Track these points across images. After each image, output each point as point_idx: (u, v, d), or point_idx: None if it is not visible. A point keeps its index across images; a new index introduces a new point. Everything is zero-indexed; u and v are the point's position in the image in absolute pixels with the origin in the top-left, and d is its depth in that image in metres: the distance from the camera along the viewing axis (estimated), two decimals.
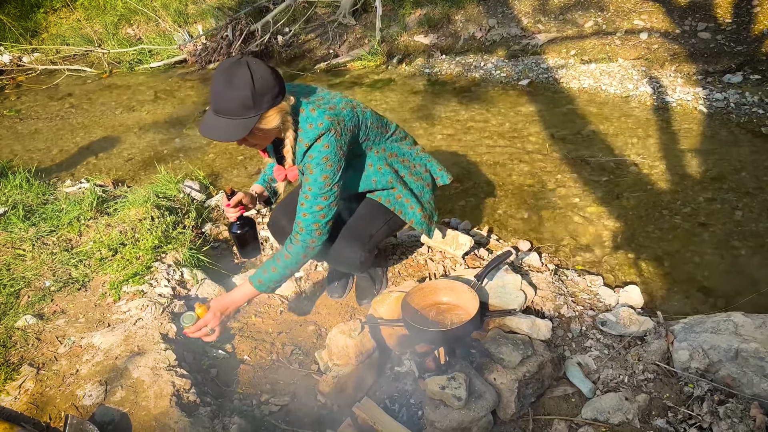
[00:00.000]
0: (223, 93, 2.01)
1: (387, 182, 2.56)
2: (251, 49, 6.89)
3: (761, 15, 5.67)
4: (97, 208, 3.68)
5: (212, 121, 2.06)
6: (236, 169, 4.62)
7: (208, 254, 3.30)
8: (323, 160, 2.21)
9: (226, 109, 2.03)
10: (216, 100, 2.04)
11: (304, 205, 2.28)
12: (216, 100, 2.04)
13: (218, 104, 2.03)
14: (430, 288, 2.59)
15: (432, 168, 2.75)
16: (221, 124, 2.05)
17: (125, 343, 2.55)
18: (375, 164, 2.53)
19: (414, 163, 2.67)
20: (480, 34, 6.63)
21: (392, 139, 2.59)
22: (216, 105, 2.04)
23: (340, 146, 2.24)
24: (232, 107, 2.02)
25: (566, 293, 2.85)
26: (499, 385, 2.27)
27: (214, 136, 2.07)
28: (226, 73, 2.00)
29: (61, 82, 7.10)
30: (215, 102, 2.04)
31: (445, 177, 2.76)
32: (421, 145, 2.76)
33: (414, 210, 2.63)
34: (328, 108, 2.24)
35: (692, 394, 2.27)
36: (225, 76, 2.00)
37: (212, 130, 2.06)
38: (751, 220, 3.52)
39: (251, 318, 2.95)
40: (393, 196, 2.60)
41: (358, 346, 2.43)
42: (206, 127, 2.08)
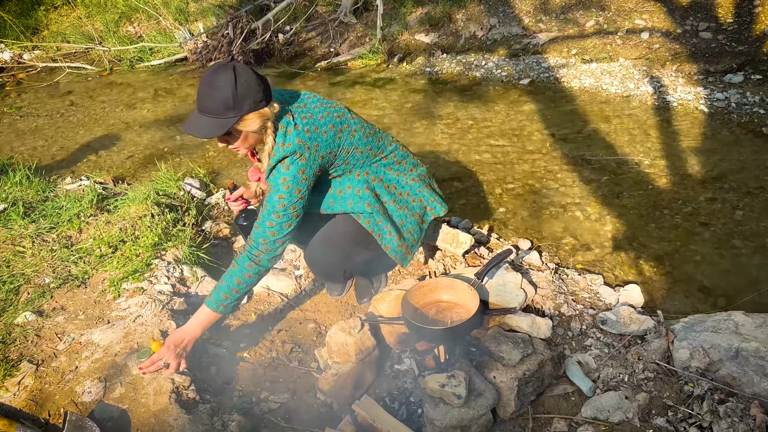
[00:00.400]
0: (206, 92, 2.11)
1: (364, 206, 2.48)
2: (252, 47, 6.88)
3: (763, 15, 5.67)
4: (97, 206, 3.68)
5: (194, 119, 2.16)
6: (236, 167, 4.62)
7: (208, 252, 3.30)
8: (281, 181, 2.22)
9: (208, 108, 2.11)
10: (200, 99, 2.13)
11: (258, 219, 2.31)
12: (200, 99, 2.13)
13: (201, 103, 2.13)
14: (431, 286, 2.59)
15: (425, 198, 2.66)
16: (202, 122, 2.13)
17: (125, 340, 2.55)
18: (354, 187, 2.47)
19: (401, 191, 2.59)
20: (481, 33, 6.63)
21: (382, 163, 2.52)
22: (200, 104, 2.13)
23: (303, 170, 2.22)
24: (213, 106, 2.10)
25: (566, 292, 2.85)
26: (499, 383, 2.27)
27: (193, 132, 2.15)
28: (212, 75, 2.11)
29: (61, 79, 7.10)
30: (199, 101, 2.14)
31: (438, 209, 2.68)
32: (422, 170, 2.68)
33: (392, 237, 2.56)
34: (305, 130, 2.23)
35: (692, 393, 2.26)
36: (211, 78, 2.11)
37: (192, 127, 2.15)
38: (752, 220, 3.52)
39: (251, 316, 2.95)
40: (373, 218, 2.52)
41: (357, 344, 2.42)
42: (188, 123, 2.18)
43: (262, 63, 6.99)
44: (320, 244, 2.63)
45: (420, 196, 2.65)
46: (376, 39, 6.83)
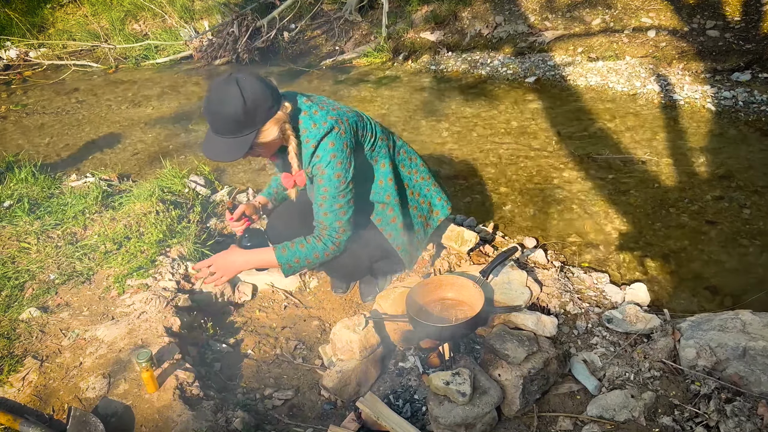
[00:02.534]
0: (217, 113, 2.04)
1: (384, 197, 2.50)
2: (257, 46, 6.87)
3: None
4: (102, 202, 3.69)
5: (212, 142, 2.10)
6: (241, 165, 4.62)
7: (213, 248, 3.29)
8: (331, 157, 2.20)
9: (223, 129, 2.05)
10: (211, 121, 2.07)
11: (323, 206, 2.27)
12: (211, 122, 2.07)
13: (214, 126, 2.07)
14: (435, 283, 2.58)
15: (432, 197, 2.68)
16: (221, 145, 2.08)
17: (129, 336, 2.55)
18: (378, 177, 2.48)
19: (412, 190, 2.61)
20: (487, 31, 6.61)
21: (396, 158, 2.56)
22: (213, 126, 2.08)
23: (346, 143, 2.22)
24: (227, 127, 2.04)
25: (572, 290, 2.84)
26: (504, 381, 2.26)
27: (215, 158, 2.10)
28: (217, 93, 2.03)
29: (67, 77, 7.10)
30: (211, 123, 2.08)
31: (444, 209, 2.71)
32: (424, 169, 2.68)
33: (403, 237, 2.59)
34: (331, 109, 2.26)
35: (699, 392, 2.25)
36: (216, 96, 2.03)
37: (213, 151, 2.10)
38: (759, 219, 3.49)
39: (255, 313, 2.95)
40: (385, 214, 2.53)
41: (362, 341, 2.42)
42: (208, 148, 2.11)
43: (267, 61, 6.98)
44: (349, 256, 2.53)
45: (428, 197, 2.67)
46: (381, 37, 6.81)
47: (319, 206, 2.28)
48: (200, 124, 5.44)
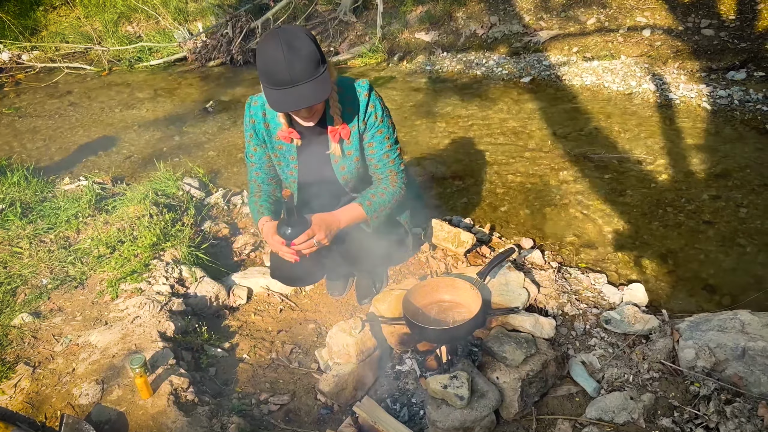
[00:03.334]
0: (292, 61, 1.94)
1: None
2: (251, 47, 6.84)
3: (765, 11, 5.63)
4: (95, 206, 3.65)
5: (291, 94, 1.99)
6: (236, 167, 4.59)
7: (207, 251, 3.26)
8: (383, 107, 2.34)
9: (303, 73, 1.97)
10: (289, 71, 1.95)
11: (390, 155, 2.39)
12: (290, 72, 1.95)
13: (292, 74, 1.95)
14: (432, 285, 2.56)
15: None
16: (305, 91, 1.99)
17: (122, 341, 2.52)
18: None
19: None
20: (481, 32, 6.59)
21: None
22: (290, 76, 1.95)
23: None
24: (307, 69, 1.97)
25: (570, 291, 2.82)
26: (502, 384, 2.24)
27: (308, 103, 2.01)
28: (281, 45, 1.94)
29: (60, 80, 7.06)
30: (289, 73, 1.95)
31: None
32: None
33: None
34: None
35: (698, 394, 2.23)
36: (283, 47, 1.94)
37: (300, 99, 2.00)
38: (756, 218, 3.48)
39: (250, 316, 2.92)
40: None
41: (358, 345, 2.39)
42: (290, 101, 2.01)
43: None
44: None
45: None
46: (376, 37, 6.79)
47: (385, 156, 2.38)
48: (194, 126, 5.41)
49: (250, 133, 2.43)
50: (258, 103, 2.38)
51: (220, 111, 5.73)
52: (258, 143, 2.45)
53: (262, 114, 2.37)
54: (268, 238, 2.27)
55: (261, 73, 2.02)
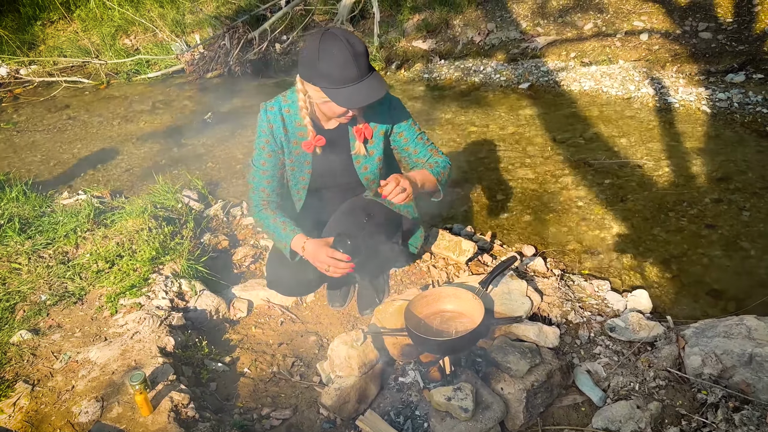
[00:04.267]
0: (357, 56, 2.03)
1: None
2: (249, 58, 6.84)
3: (762, 14, 5.62)
4: (94, 220, 3.63)
5: (362, 89, 2.06)
6: (234, 178, 4.57)
7: (207, 264, 3.24)
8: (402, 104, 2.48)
9: (366, 67, 2.08)
10: (357, 66, 2.04)
11: (427, 142, 2.56)
12: (358, 66, 2.04)
13: (361, 69, 2.05)
14: (434, 295, 2.53)
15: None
16: (373, 83, 2.08)
17: (122, 357, 2.49)
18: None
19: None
20: (479, 39, 6.59)
21: None
22: (359, 71, 2.05)
23: None
24: (368, 64, 2.08)
25: (573, 299, 2.79)
26: (507, 395, 2.21)
27: (379, 95, 2.08)
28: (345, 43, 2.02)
29: (58, 94, 7.06)
30: (358, 68, 2.05)
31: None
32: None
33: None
34: None
35: (706, 401, 2.20)
36: (346, 46, 2.02)
37: (371, 92, 2.07)
38: (759, 221, 3.46)
39: (251, 329, 2.89)
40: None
41: (360, 357, 2.36)
42: (362, 95, 2.08)
43: (260, 73, 6.95)
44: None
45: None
46: (373, 46, 6.79)
47: (419, 139, 2.53)
48: (192, 138, 5.40)
49: (267, 140, 2.40)
50: (275, 108, 2.38)
51: (218, 122, 5.72)
52: (274, 149, 2.42)
53: (280, 119, 2.37)
54: (321, 256, 2.30)
55: (323, 74, 2.07)
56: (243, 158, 4.89)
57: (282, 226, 2.43)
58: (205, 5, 8.31)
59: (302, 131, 2.38)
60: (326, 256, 2.29)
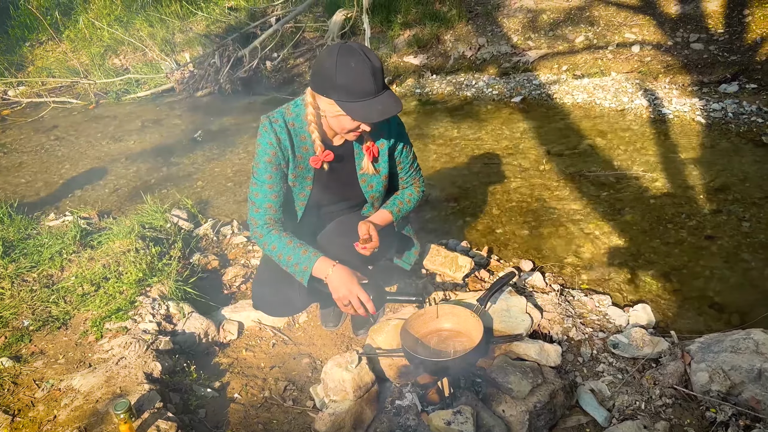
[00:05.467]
0: (375, 71, 2.01)
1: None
2: (239, 75, 6.79)
3: (753, 24, 5.62)
4: (80, 242, 3.53)
5: (377, 104, 2.03)
6: (224, 196, 4.49)
7: (196, 285, 3.15)
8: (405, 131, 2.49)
9: (382, 83, 2.05)
10: (375, 81, 2.01)
11: (414, 165, 2.56)
12: (375, 81, 2.01)
13: (378, 83, 2.02)
14: (431, 314, 2.44)
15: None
16: (389, 100, 2.05)
17: (107, 384, 2.39)
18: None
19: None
20: (470, 53, 6.57)
21: None
22: (375, 85, 2.01)
23: None
24: (383, 80, 2.05)
25: (574, 315, 2.71)
26: (509, 417, 2.12)
27: (395, 110, 2.05)
28: (364, 57, 1.99)
29: (46, 114, 6.98)
30: (375, 83, 2.01)
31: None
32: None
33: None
34: None
35: (715, 420, 2.12)
36: (365, 59, 1.99)
37: (387, 107, 2.04)
38: (760, 231, 3.40)
39: (242, 352, 2.79)
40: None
41: (355, 380, 2.27)
42: (377, 110, 2.03)
43: (251, 90, 6.90)
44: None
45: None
46: None
47: (411, 167, 2.54)
48: (182, 157, 5.32)
49: (274, 152, 2.24)
50: (280, 121, 2.25)
51: (208, 141, 5.64)
52: (279, 163, 2.27)
53: (286, 132, 2.25)
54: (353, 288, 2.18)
55: (339, 87, 2.01)
56: (233, 176, 4.81)
57: (301, 248, 2.25)
58: (195, 24, 8.28)
59: (306, 146, 2.29)
60: (356, 294, 2.16)
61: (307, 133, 2.26)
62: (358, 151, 2.37)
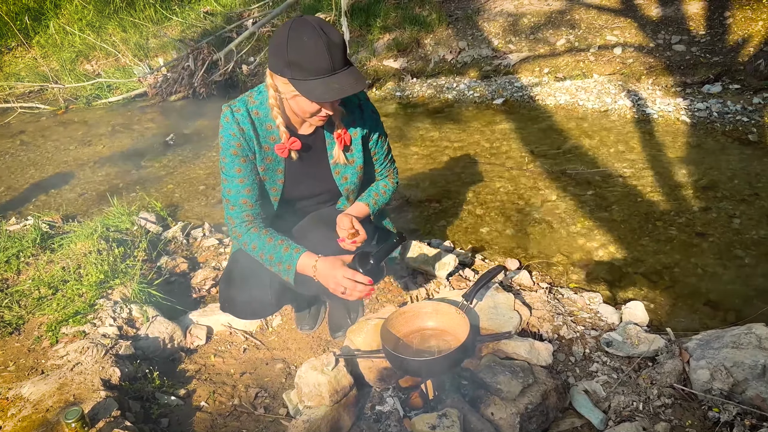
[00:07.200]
0: (332, 50, 1.81)
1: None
2: (214, 79, 6.61)
3: (735, 26, 5.58)
4: (40, 245, 3.31)
5: (334, 83, 1.83)
6: (197, 199, 4.29)
7: (163, 289, 2.95)
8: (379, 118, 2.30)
9: (342, 60, 1.84)
10: (333, 59, 1.81)
11: (389, 156, 2.41)
12: (332, 57, 1.80)
13: (335, 60, 1.81)
14: (413, 312, 2.28)
15: None
16: (348, 78, 1.84)
17: (59, 392, 2.18)
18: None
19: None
20: (451, 57, 6.46)
21: None
22: (333, 62, 1.81)
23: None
24: (344, 56, 1.85)
25: (564, 312, 2.56)
26: (498, 420, 1.95)
27: (354, 89, 1.84)
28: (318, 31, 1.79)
29: (13, 120, 6.72)
30: (332, 59, 1.81)
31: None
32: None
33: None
34: None
35: (719, 420, 1.98)
36: (319, 33, 1.79)
37: (344, 87, 1.83)
38: (751, 228, 3.29)
39: (210, 358, 2.60)
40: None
41: (332, 384, 2.09)
42: (334, 89, 1.83)
43: (227, 95, 6.70)
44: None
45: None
46: None
47: (386, 158, 2.39)
48: (153, 161, 5.12)
49: (238, 143, 2.06)
50: (242, 110, 2.06)
51: (181, 144, 5.44)
52: (246, 154, 2.09)
53: (249, 121, 2.06)
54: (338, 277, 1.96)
55: (294, 63, 1.82)
56: (206, 179, 4.62)
57: (283, 246, 2.08)
58: (170, 29, 8.09)
59: (274, 135, 2.09)
60: (344, 278, 1.94)
61: (272, 122, 2.07)
62: (330, 141, 2.19)
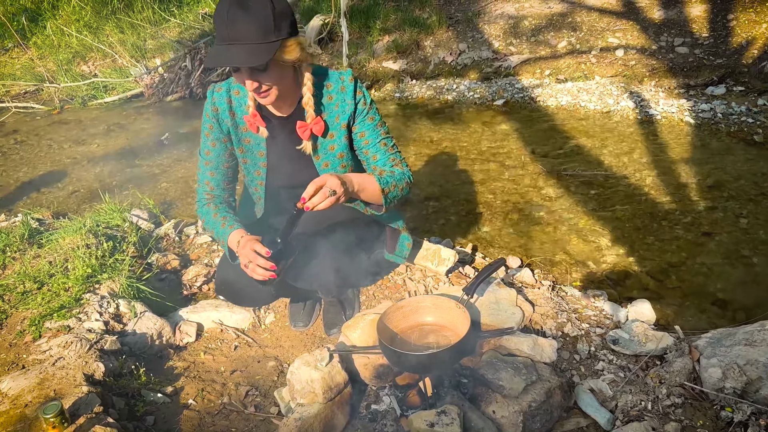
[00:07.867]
0: (237, 18, 1.72)
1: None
2: (212, 80, 6.53)
3: (738, 28, 5.52)
4: (27, 240, 3.22)
5: (226, 51, 1.76)
6: (189, 197, 4.20)
7: (153, 285, 2.85)
8: (370, 95, 2.16)
9: (243, 35, 1.73)
10: (230, 26, 1.73)
11: (388, 142, 2.18)
12: (230, 27, 1.73)
13: (233, 31, 1.74)
14: (411, 306, 2.18)
15: None
16: (239, 52, 1.74)
17: (39, 387, 2.08)
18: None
19: None
20: (450, 58, 6.39)
21: None
22: (231, 33, 1.73)
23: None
24: (250, 31, 1.73)
25: (568, 309, 2.46)
26: (500, 418, 1.85)
27: (231, 63, 1.75)
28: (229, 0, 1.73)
29: (8, 119, 6.64)
30: (229, 29, 1.73)
31: None
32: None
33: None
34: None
35: (732, 420, 1.87)
36: (230, 2, 1.72)
37: (227, 57, 1.75)
38: (759, 227, 3.21)
39: (200, 355, 2.49)
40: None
41: (325, 380, 1.99)
42: (219, 58, 1.78)
43: None
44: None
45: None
46: (342, 67, 6.55)
47: (382, 144, 2.16)
48: (147, 159, 5.03)
49: (210, 125, 2.11)
50: (222, 89, 2.08)
51: (176, 143, 5.36)
52: (218, 137, 2.12)
53: (227, 101, 2.06)
54: (244, 249, 1.91)
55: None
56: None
57: (221, 222, 2.10)
58: (168, 31, 8.03)
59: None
60: (251, 250, 1.89)
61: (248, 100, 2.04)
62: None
